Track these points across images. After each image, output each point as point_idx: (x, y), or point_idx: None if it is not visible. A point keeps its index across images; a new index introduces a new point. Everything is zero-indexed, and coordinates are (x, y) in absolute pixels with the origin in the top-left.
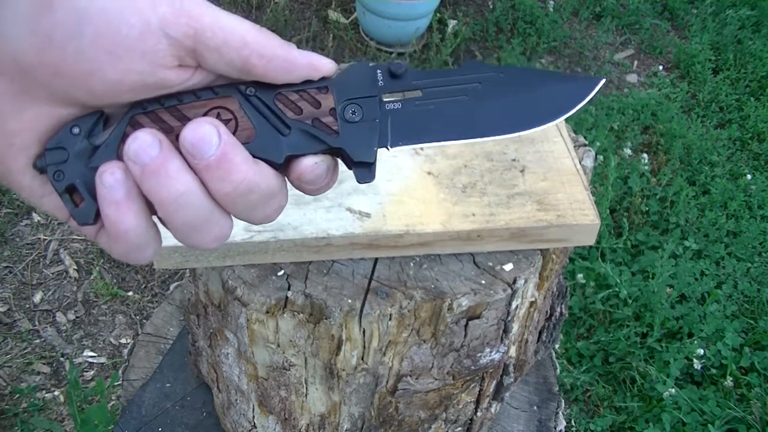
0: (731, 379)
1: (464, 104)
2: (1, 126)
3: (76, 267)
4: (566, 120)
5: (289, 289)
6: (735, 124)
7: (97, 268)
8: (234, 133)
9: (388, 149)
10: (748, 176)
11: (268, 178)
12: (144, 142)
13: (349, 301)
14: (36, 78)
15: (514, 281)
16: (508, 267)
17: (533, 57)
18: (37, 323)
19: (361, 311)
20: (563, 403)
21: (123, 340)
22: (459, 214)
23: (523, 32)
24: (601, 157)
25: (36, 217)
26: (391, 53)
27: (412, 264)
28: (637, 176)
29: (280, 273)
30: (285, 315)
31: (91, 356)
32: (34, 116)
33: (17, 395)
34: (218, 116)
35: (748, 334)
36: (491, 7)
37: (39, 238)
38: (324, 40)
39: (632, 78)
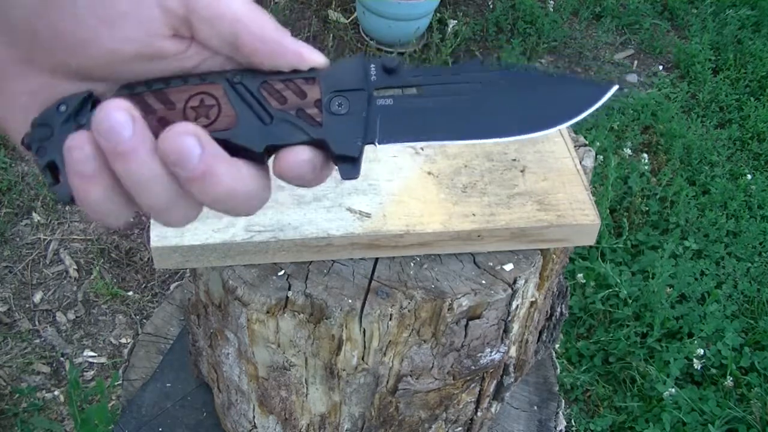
0: (731, 379)
1: (463, 104)
2: (6, 85)
3: (76, 267)
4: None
5: (289, 289)
6: (735, 124)
7: (97, 268)
8: (216, 120)
9: (375, 146)
10: (748, 176)
11: (249, 182)
12: (117, 122)
13: (350, 301)
14: (37, 43)
15: (515, 281)
16: (509, 267)
17: (533, 57)
18: (37, 323)
19: (362, 311)
20: (563, 403)
21: (123, 340)
22: (459, 214)
23: (523, 32)
24: (601, 157)
25: (36, 217)
26: (391, 53)
27: (412, 264)
28: (637, 176)
29: (281, 273)
30: (285, 315)
31: (91, 356)
32: (37, 84)
33: (17, 395)
34: (201, 102)
35: (748, 334)
36: (491, 7)
37: (39, 238)
38: (324, 40)
39: (632, 78)
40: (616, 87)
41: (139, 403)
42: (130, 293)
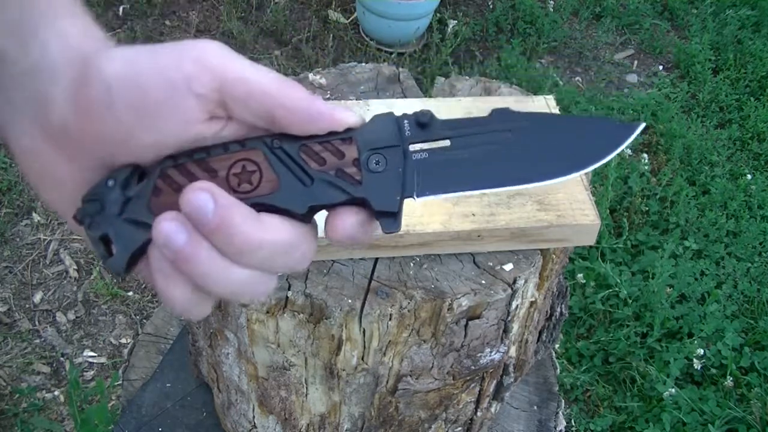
0: (731, 379)
1: (495, 153)
2: (56, 183)
3: (76, 267)
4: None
5: (289, 289)
6: (735, 124)
7: (97, 268)
8: (258, 185)
9: (414, 199)
10: (748, 176)
11: (276, 232)
12: (170, 231)
13: (350, 301)
14: (83, 145)
15: (514, 281)
16: (508, 267)
17: (533, 57)
18: (37, 323)
19: (362, 311)
20: (563, 403)
21: (123, 340)
22: (459, 214)
23: (523, 32)
24: None
25: (36, 217)
26: (391, 53)
27: (412, 264)
28: (637, 176)
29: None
30: (285, 315)
31: (91, 356)
32: (85, 177)
33: (17, 395)
34: (243, 168)
35: (748, 334)
36: (491, 7)
37: (39, 238)
38: (324, 40)
39: (632, 78)
40: (642, 125)
41: (139, 403)
42: (130, 293)
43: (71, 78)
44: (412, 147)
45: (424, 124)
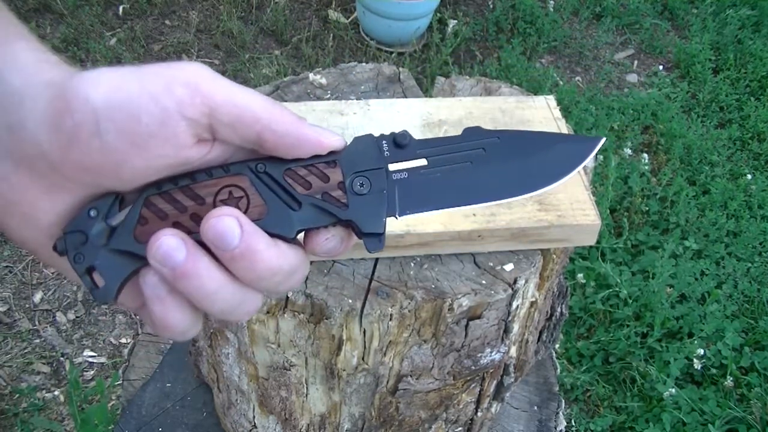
0: (731, 379)
1: (469, 171)
2: (34, 223)
3: None
4: (567, 122)
5: None
6: (735, 124)
7: None
8: (246, 211)
9: (396, 218)
10: (748, 176)
11: (289, 258)
12: (169, 247)
13: (350, 301)
14: (65, 173)
15: (515, 281)
16: (509, 267)
17: (533, 57)
18: (37, 323)
19: (362, 311)
20: (563, 403)
21: (123, 340)
22: (460, 214)
23: (523, 32)
24: (601, 157)
25: None
26: (391, 53)
27: (412, 264)
28: (637, 176)
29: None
30: (285, 315)
31: (91, 356)
32: (69, 206)
33: (17, 395)
34: (230, 194)
35: (748, 334)
36: (491, 7)
37: None
38: (324, 40)
39: (632, 78)
40: (603, 140)
41: (139, 403)
42: None
43: (45, 103)
44: (392, 167)
45: (402, 144)
